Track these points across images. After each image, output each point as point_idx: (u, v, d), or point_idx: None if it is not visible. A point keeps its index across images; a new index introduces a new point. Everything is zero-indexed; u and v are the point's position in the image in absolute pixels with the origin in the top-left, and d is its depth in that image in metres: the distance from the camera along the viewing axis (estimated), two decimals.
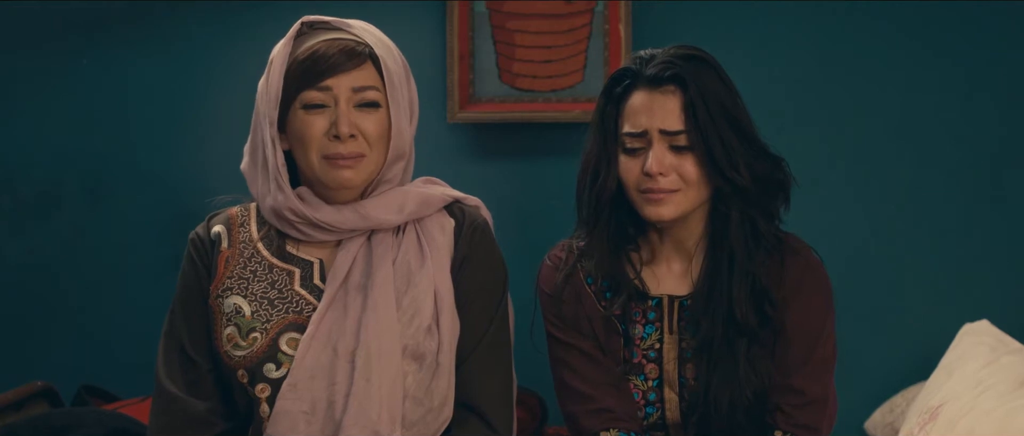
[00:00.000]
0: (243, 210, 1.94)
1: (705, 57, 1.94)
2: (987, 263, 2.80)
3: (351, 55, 1.80)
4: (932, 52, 2.79)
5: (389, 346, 1.78)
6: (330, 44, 1.81)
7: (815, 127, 2.81)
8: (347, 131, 1.78)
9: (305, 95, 1.80)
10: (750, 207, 1.92)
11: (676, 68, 1.89)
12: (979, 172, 2.80)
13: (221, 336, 1.84)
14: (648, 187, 1.91)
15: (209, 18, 2.88)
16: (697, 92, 1.88)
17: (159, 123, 2.91)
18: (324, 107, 1.80)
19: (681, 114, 1.89)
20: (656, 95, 1.91)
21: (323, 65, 1.79)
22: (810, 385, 1.93)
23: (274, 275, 1.86)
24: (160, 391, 1.86)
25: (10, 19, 2.90)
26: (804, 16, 2.80)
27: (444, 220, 1.91)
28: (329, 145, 1.80)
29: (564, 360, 2.00)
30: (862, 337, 2.72)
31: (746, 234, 1.93)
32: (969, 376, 2.42)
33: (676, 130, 1.89)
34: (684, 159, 1.90)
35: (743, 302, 1.91)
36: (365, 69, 1.82)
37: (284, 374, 1.80)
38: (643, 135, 1.91)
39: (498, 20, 2.80)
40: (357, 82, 1.81)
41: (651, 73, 1.91)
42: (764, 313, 1.92)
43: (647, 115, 1.91)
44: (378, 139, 1.82)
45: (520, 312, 2.00)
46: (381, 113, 1.82)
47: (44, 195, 2.94)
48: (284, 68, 1.81)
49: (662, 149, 1.90)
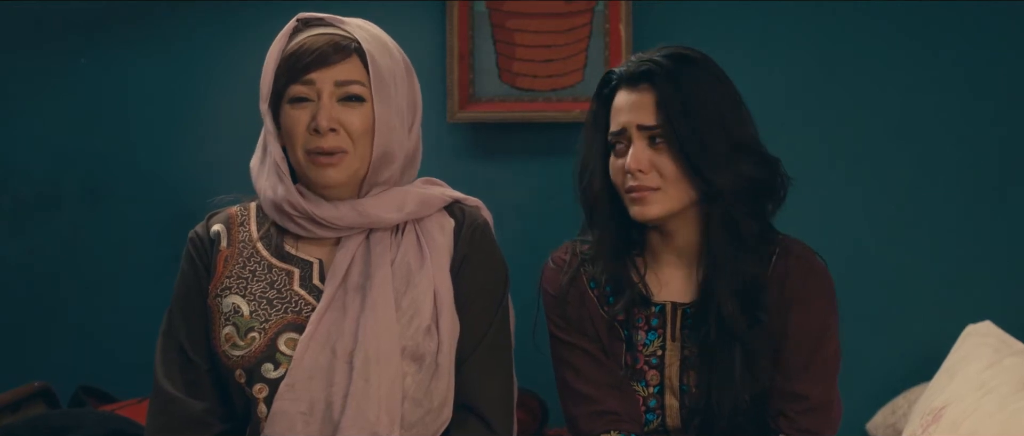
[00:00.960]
0: (242, 209, 1.94)
1: (693, 56, 1.95)
2: (990, 263, 2.80)
3: (336, 49, 1.80)
4: (933, 52, 2.79)
5: (388, 347, 1.77)
6: (317, 38, 1.81)
7: (816, 127, 2.81)
8: (326, 125, 1.78)
9: (290, 89, 1.81)
10: (733, 208, 1.91)
11: (649, 66, 1.92)
12: (981, 172, 2.80)
13: (219, 336, 1.83)
14: (631, 185, 1.92)
15: (209, 18, 2.88)
16: (671, 88, 1.89)
17: (158, 123, 2.91)
18: (308, 101, 1.80)
19: (655, 110, 1.90)
20: (633, 94, 1.93)
21: (307, 58, 1.79)
22: (813, 390, 1.93)
23: (273, 275, 1.86)
24: (158, 391, 1.85)
25: (9, 19, 2.90)
26: (805, 16, 2.80)
27: (444, 220, 1.90)
28: (311, 139, 1.80)
29: (567, 361, 2.00)
30: (864, 338, 2.71)
31: (727, 235, 1.92)
32: (972, 378, 2.42)
33: (650, 125, 1.91)
34: (661, 155, 1.91)
35: (729, 304, 1.90)
36: (350, 63, 1.81)
37: (282, 374, 1.79)
38: (623, 133, 1.93)
39: (498, 19, 2.80)
40: (340, 75, 1.80)
41: (629, 71, 1.94)
42: (754, 316, 1.91)
43: (626, 113, 1.93)
44: (362, 134, 1.81)
45: (521, 313, 2.00)
46: (366, 108, 1.81)
47: (43, 195, 2.94)
48: (276, 64, 1.81)
49: (640, 145, 1.92)
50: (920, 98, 2.79)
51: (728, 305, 1.90)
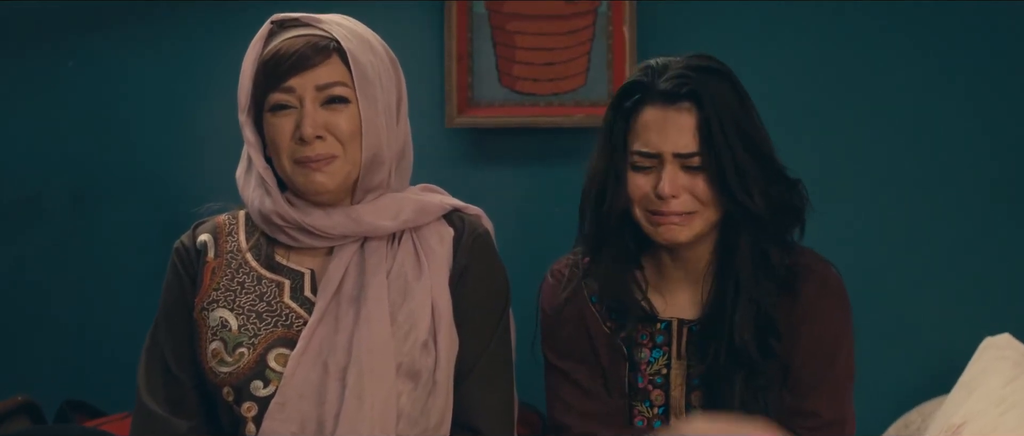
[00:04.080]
0: (231, 218, 1.91)
1: (721, 69, 1.89)
2: (1007, 273, 2.77)
3: (315, 51, 1.76)
4: (951, 55, 2.76)
5: (382, 363, 1.74)
6: (294, 41, 1.77)
7: (827, 133, 2.78)
8: (312, 133, 1.75)
9: (271, 97, 1.78)
10: (761, 233, 1.89)
11: (691, 83, 1.84)
12: (999, 178, 2.77)
13: (206, 351, 1.81)
14: (658, 209, 1.87)
15: (201, 18, 2.85)
16: (713, 110, 1.83)
17: (148, 127, 2.88)
18: (290, 108, 1.77)
19: (695, 134, 1.84)
20: (670, 112, 1.86)
21: (285, 64, 1.76)
22: (826, 407, 1.90)
23: (263, 287, 1.83)
24: (140, 409, 1.83)
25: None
26: (816, 17, 2.77)
27: (442, 229, 1.87)
28: (297, 148, 1.77)
29: (556, 393, 1.97)
30: (876, 350, 2.65)
31: (755, 262, 1.89)
32: (992, 393, 2.40)
33: (690, 152, 1.85)
34: (696, 179, 1.86)
35: (745, 330, 1.87)
36: (331, 64, 1.77)
37: (272, 392, 1.76)
38: (656, 156, 1.87)
39: (498, 21, 2.77)
40: (321, 79, 1.76)
41: (664, 88, 1.86)
42: (767, 344, 1.88)
43: (660, 135, 1.86)
44: (351, 137, 1.78)
45: (522, 325, 1.98)
46: (351, 109, 1.78)
47: (28, 202, 2.91)
48: (253, 71, 1.79)
49: (675, 170, 1.86)
50: (936, 103, 2.76)
51: (744, 333, 1.87)
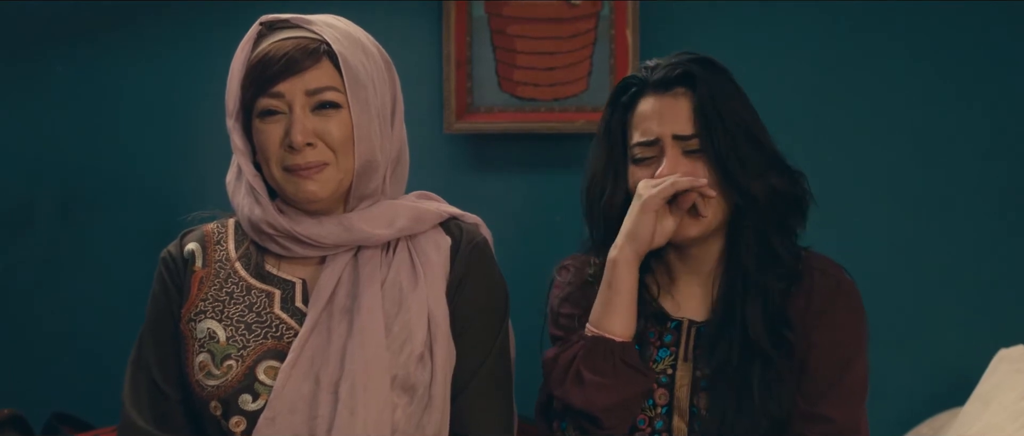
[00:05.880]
0: (219, 227, 1.88)
1: (714, 61, 1.92)
2: (1022, 284, 2.75)
3: (304, 54, 1.72)
4: (961, 60, 2.75)
5: (376, 376, 1.70)
6: (282, 44, 1.73)
7: (835, 137, 2.77)
8: (302, 140, 1.71)
9: (259, 102, 1.74)
10: (764, 222, 1.88)
11: (685, 67, 1.88)
12: (1013, 187, 2.75)
13: (193, 364, 1.77)
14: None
15: (193, 22, 2.83)
16: (708, 93, 1.86)
17: (138, 134, 2.86)
18: (279, 114, 1.73)
19: (692, 117, 1.86)
20: (666, 99, 1.88)
21: (273, 69, 1.71)
22: (839, 413, 1.86)
23: (252, 297, 1.79)
24: (125, 423, 1.79)
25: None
26: (822, 20, 2.76)
27: (439, 238, 1.83)
28: (287, 156, 1.73)
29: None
30: (887, 360, 2.64)
31: (760, 252, 1.89)
32: (1008, 407, 2.37)
33: (688, 134, 1.86)
34: (697, 165, 1.86)
35: (756, 323, 1.86)
36: (321, 68, 1.73)
37: (261, 406, 1.71)
38: (655, 143, 1.88)
39: (498, 24, 2.75)
40: (311, 83, 1.72)
41: (659, 76, 1.90)
42: (780, 335, 1.86)
43: (657, 120, 1.88)
44: (343, 143, 1.73)
45: (522, 335, 1.94)
46: (343, 114, 1.74)
47: (15, 211, 2.88)
48: (241, 75, 1.75)
49: (676, 155, 1.86)
50: (948, 110, 2.75)
51: (756, 324, 1.85)
